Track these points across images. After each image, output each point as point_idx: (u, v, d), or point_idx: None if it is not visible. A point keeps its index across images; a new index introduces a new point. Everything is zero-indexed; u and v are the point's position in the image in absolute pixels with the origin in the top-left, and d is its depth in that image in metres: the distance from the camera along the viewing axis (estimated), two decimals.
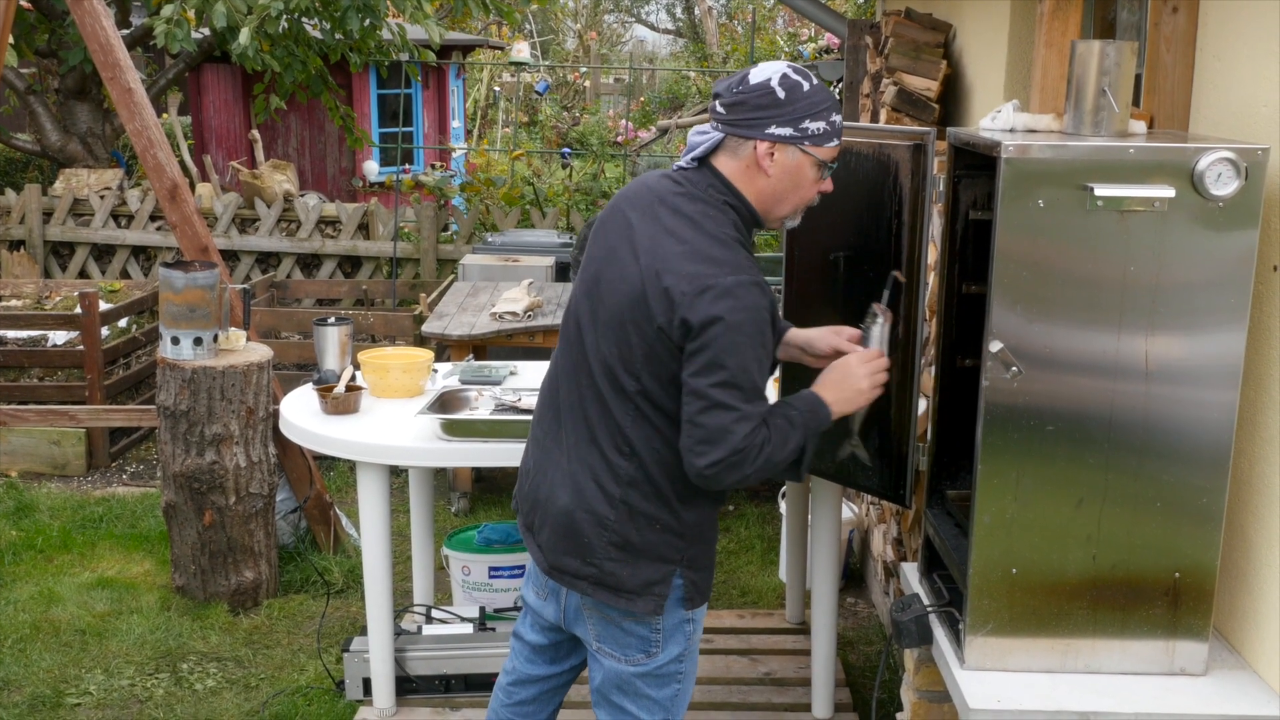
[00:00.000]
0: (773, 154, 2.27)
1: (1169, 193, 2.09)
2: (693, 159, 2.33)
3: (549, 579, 2.47)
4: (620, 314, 2.27)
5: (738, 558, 4.91)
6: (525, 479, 2.51)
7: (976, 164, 2.48)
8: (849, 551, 4.65)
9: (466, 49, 14.04)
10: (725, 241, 2.24)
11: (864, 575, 4.71)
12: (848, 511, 4.63)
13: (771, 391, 3.65)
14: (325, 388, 3.59)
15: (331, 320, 3.89)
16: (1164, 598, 2.26)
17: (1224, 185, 2.08)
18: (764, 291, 2.22)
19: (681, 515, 2.34)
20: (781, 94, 2.25)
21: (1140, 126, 2.30)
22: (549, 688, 2.68)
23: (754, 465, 2.22)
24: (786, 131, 2.26)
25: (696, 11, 18.41)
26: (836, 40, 8.29)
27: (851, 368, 2.39)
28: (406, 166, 12.06)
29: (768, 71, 2.29)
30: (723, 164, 2.30)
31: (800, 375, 2.94)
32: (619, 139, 11.40)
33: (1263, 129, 2.19)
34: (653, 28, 25.52)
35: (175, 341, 4.22)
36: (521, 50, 11.95)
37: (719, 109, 2.30)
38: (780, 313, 2.95)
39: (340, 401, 3.49)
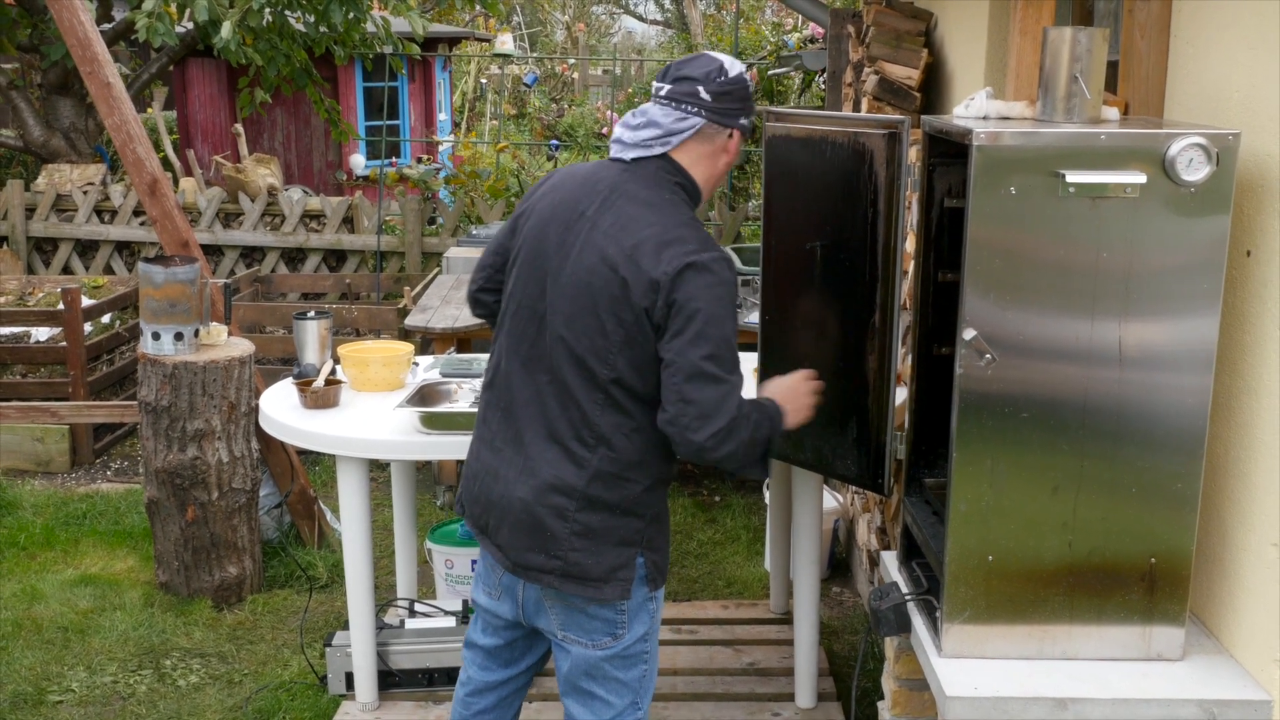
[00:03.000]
0: (734, 143, 2.41)
1: (1140, 179, 2.10)
2: (661, 144, 2.36)
3: (505, 575, 2.48)
4: (592, 305, 2.29)
5: (723, 548, 4.92)
6: (473, 481, 2.50)
7: (950, 152, 2.48)
8: (834, 541, 4.66)
9: (453, 41, 14.01)
10: (688, 221, 2.31)
11: (849, 565, 4.72)
12: (833, 501, 4.64)
13: (751, 380, 3.65)
14: (304, 382, 3.59)
15: (311, 314, 3.88)
16: (1140, 583, 2.26)
17: (1195, 171, 2.09)
18: (732, 266, 2.30)
19: (642, 499, 2.38)
20: (750, 88, 2.38)
21: (1113, 113, 2.30)
22: (507, 693, 2.69)
23: (744, 436, 2.26)
24: (748, 123, 2.41)
25: (684, 1, 18.39)
26: (821, 30, 8.30)
27: (797, 384, 2.54)
28: (393, 160, 12.03)
29: (735, 65, 2.38)
30: (687, 149, 2.37)
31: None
32: (603, 130, 11.38)
33: (1235, 114, 2.19)
34: (641, 19, 25.47)
35: (156, 337, 4.21)
36: (505, 42, 11.92)
37: (704, 95, 2.34)
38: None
39: (319, 396, 3.49)
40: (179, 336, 4.21)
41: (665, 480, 2.44)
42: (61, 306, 6.02)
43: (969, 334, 2.18)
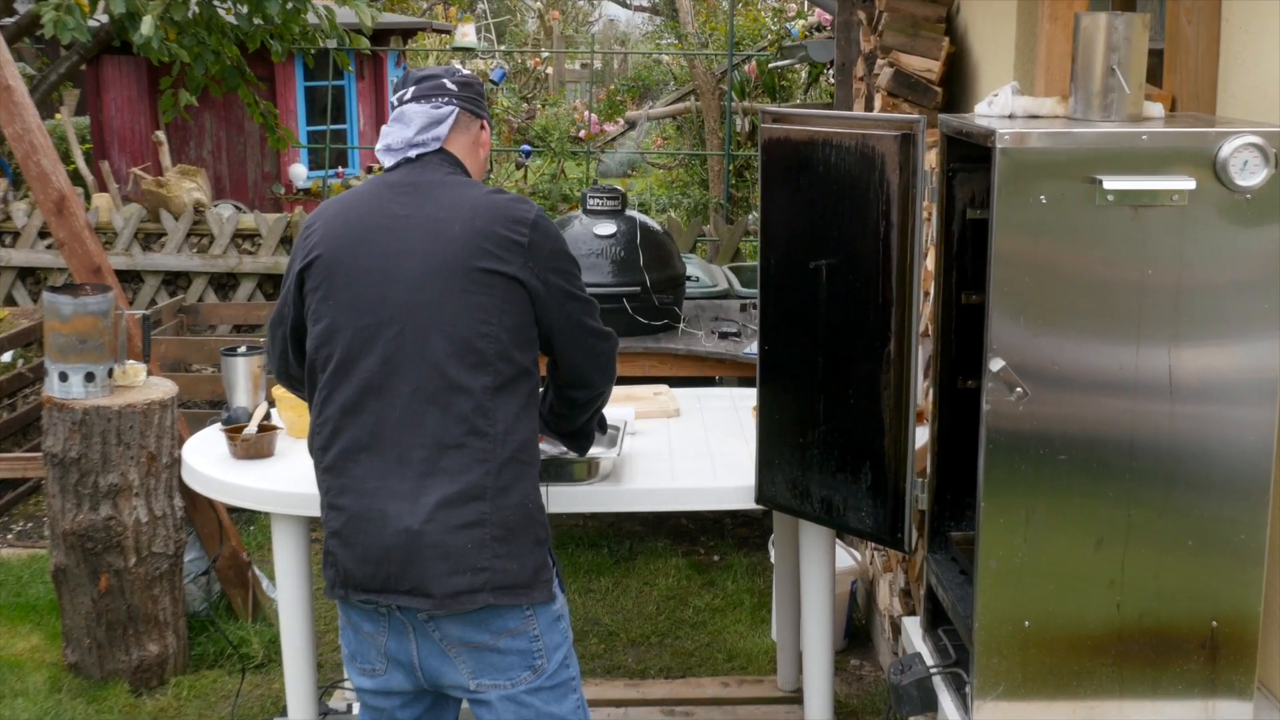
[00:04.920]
0: (486, 136, 2.81)
1: (1188, 184, 2.12)
2: (434, 138, 2.68)
3: (389, 641, 2.60)
4: (458, 284, 2.53)
5: (724, 616, 4.91)
6: (352, 541, 2.57)
7: (973, 156, 2.51)
8: (852, 605, 4.66)
9: (407, 33, 14.09)
10: (499, 189, 2.64)
11: (870, 633, 4.71)
12: (850, 560, 4.64)
13: (750, 420, 3.65)
14: (234, 428, 3.58)
15: (242, 350, 3.88)
16: (1200, 650, 2.27)
17: (1250, 174, 2.11)
18: None
19: (536, 487, 2.63)
20: (480, 86, 2.83)
21: (1156, 109, 2.32)
22: None
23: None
24: (489, 119, 2.84)
25: None
26: (828, 17, 8.36)
27: None
28: (339, 169, 12.07)
29: (462, 68, 2.76)
30: (454, 140, 2.72)
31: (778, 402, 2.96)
32: (581, 134, 11.43)
33: None
34: (624, 4, 25.62)
35: (64, 378, 4.20)
36: (467, 34, 11.99)
37: (450, 86, 2.72)
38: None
39: (251, 444, 3.49)
40: (90, 377, 4.20)
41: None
42: None
43: (997, 364, 2.19)
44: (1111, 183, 2.12)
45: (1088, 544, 2.25)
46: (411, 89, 2.72)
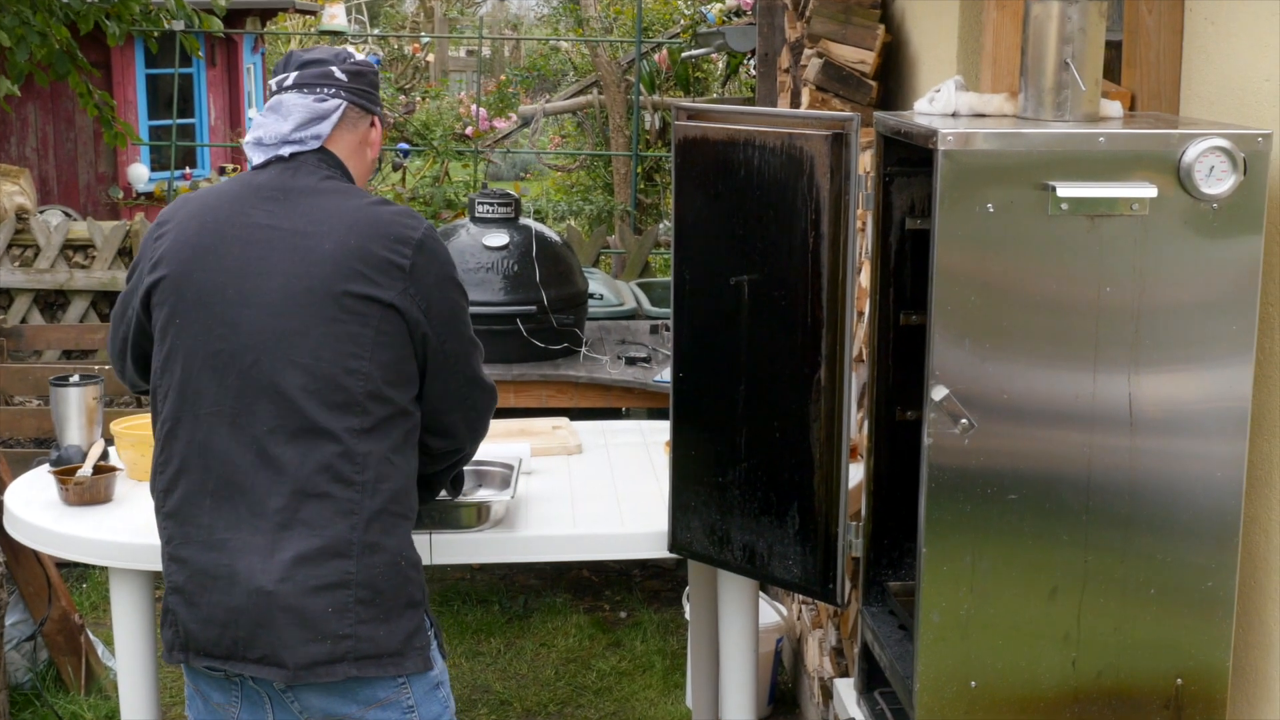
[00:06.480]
0: (376, 135, 2.78)
1: (1149, 192, 2.17)
2: (314, 135, 2.65)
3: (241, 712, 2.59)
4: (323, 311, 2.51)
5: (631, 681, 4.92)
6: (195, 601, 2.54)
7: (912, 159, 2.55)
8: (777, 667, 4.69)
9: (266, 14, 14.02)
10: (384, 199, 2.62)
11: (797, 697, 4.75)
12: (774, 615, 4.67)
13: (662, 457, 3.67)
14: (66, 470, 3.53)
15: (74, 379, 3.82)
16: (1164, 711, 2.31)
17: (1217, 181, 2.16)
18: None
19: (410, 541, 2.61)
20: (379, 77, 2.81)
21: (1115, 108, 2.38)
22: None
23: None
24: (382, 114, 2.81)
25: None
26: (749, 0, 8.46)
27: None
28: (187, 170, 11.95)
29: (356, 52, 2.73)
30: (338, 139, 2.69)
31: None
32: (467, 131, 11.41)
33: (1266, 109, 2.27)
34: None
35: None
36: (335, 15, 11.94)
37: (339, 75, 2.68)
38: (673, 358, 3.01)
39: (86, 488, 3.44)
40: None
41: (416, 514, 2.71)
42: None
43: (940, 393, 2.22)
44: (1065, 189, 2.16)
45: (1040, 594, 2.28)
46: (293, 74, 2.68)
